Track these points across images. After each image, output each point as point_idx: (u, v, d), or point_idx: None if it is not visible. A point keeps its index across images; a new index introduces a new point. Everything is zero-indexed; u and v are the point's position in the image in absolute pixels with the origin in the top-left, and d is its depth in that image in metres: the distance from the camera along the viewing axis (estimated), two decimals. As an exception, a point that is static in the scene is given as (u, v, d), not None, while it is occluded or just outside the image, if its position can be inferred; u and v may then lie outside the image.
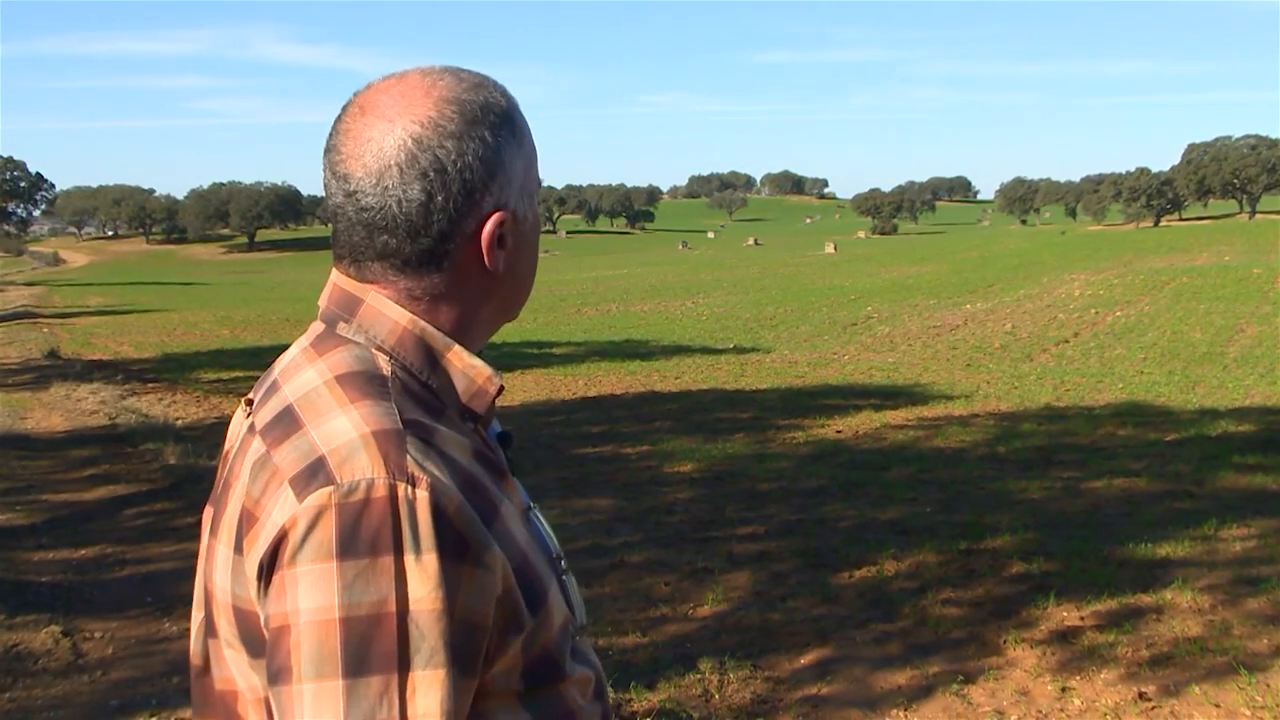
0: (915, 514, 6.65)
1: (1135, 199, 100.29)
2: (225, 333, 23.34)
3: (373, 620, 0.81)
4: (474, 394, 0.97)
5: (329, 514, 0.82)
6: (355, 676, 0.80)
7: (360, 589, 0.81)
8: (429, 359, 0.96)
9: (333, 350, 0.95)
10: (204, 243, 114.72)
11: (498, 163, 0.96)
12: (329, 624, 0.81)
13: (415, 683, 0.81)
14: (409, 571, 0.82)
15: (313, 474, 0.85)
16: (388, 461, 0.84)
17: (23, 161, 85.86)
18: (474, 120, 0.95)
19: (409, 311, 0.96)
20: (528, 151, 1.00)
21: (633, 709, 3.85)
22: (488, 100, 0.97)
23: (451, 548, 0.84)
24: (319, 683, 0.80)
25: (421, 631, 0.82)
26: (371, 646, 0.81)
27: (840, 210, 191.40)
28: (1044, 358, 17.12)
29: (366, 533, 0.82)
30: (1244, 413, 10.82)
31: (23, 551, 6.20)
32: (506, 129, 0.98)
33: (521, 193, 0.99)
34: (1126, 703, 3.87)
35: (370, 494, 0.83)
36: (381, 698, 0.80)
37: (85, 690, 4.26)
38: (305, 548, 0.82)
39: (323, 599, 0.81)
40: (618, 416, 11.08)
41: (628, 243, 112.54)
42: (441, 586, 0.82)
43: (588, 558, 5.74)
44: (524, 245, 1.02)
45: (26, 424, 11.00)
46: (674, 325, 23.79)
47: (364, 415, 0.88)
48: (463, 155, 0.94)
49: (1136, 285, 29.26)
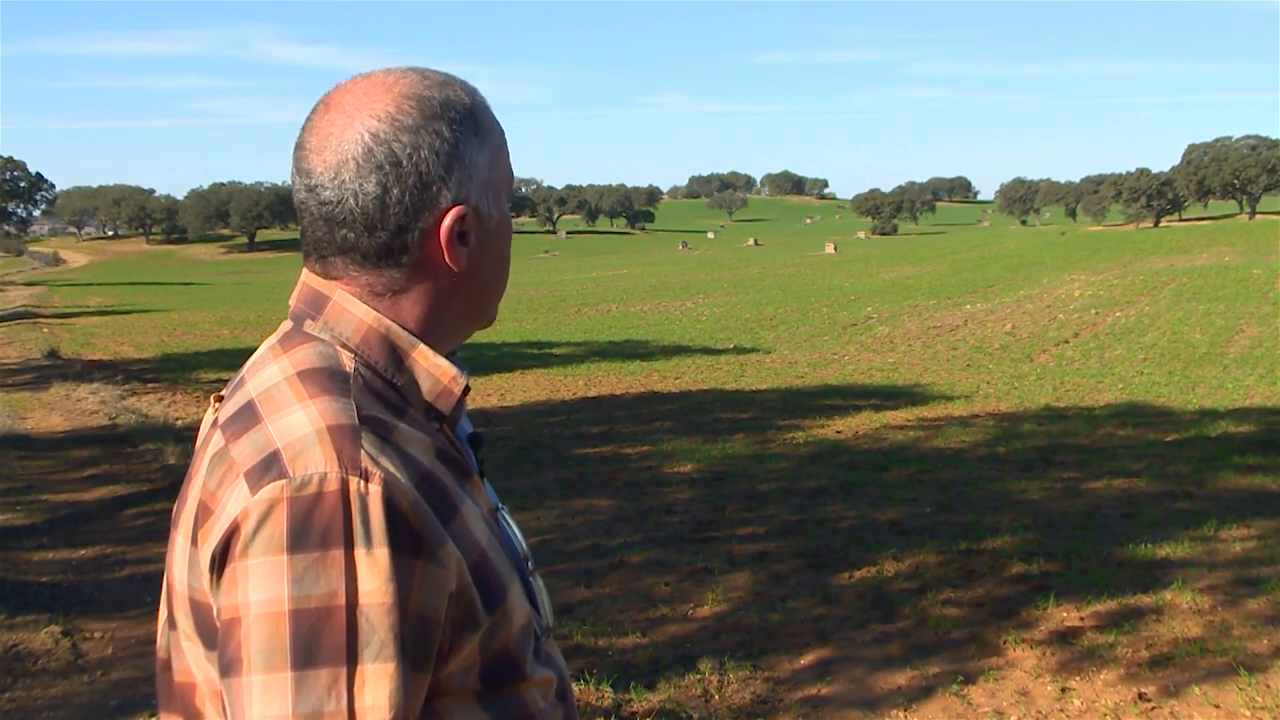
0: (915, 514, 6.65)
1: (1135, 199, 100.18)
2: (225, 333, 23.35)
3: (322, 613, 0.81)
4: (439, 393, 0.97)
5: (281, 507, 0.83)
6: (304, 669, 0.81)
7: (310, 582, 0.81)
8: (394, 357, 0.96)
9: (297, 347, 0.96)
10: (204, 243, 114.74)
11: (456, 157, 0.96)
12: (279, 616, 0.81)
13: (364, 676, 0.82)
14: (359, 565, 0.82)
15: (267, 467, 0.85)
16: (341, 456, 0.85)
17: (23, 161, 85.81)
18: (432, 115, 0.95)
19: (374, 309, 0.97)
20: (493, 149, 0.99)
21: (633, 709, 3.85)
22: (449, 97, 0.97)
23: (404, 542, 0.84)
24: (268, 674, 0.81)
25: (371, 625, 0.82)
26: (320, 639, 0.81)
27: (840, 210, 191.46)
28: (1044, 358, 17.12)
29: (317, 526, 0.82)
30: (1244, 413, 10.82)
31: (23, 552, 6.20)
32: (468, 125, 0.97)
33: (485, 189, 0.99)
34: (1126, 703, 3.87)
35: (322, 488, 0.83)
36: (329, 690, 0.81)
37: (85, 690, 4.26)
38: (256, 540, 0.83)
39: (273, 591, 0.82)
40: (617, 417, 11.07)
41: (628, 243, 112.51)
42: (393, 580, 0.83)
43: (588, 558, 5.75)
44: (490, 243, 1.01)
45: (26, 424, 11.00)
46: (674, 325, 23.79)
47: (321, 410, 0.89)
48: (419, 149, 0.94)
49: (1136, 286, 29.26)
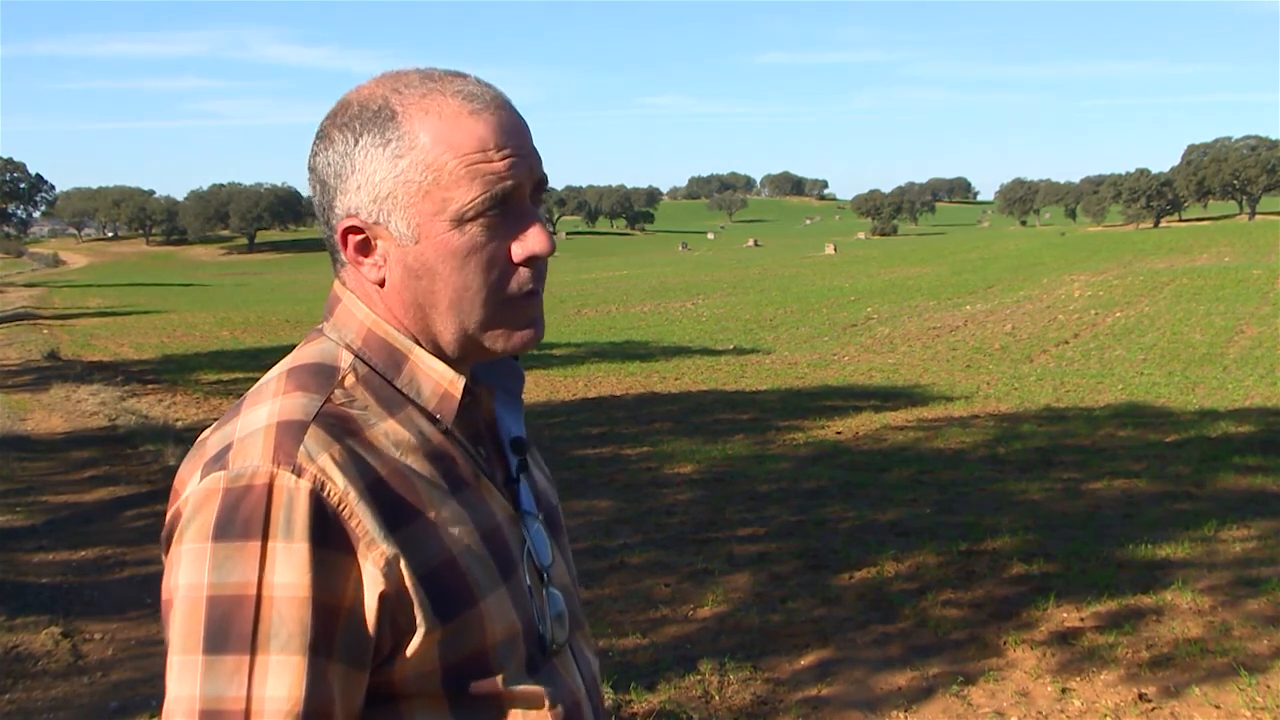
0: (915, 515, 6.65)
1: (1135, 200, 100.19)
2: (225, 334, 23.36)
3: (235, 601, 0.84)
4: (440, 396, 0.97)
5: (215, 497, 0.86)
6: (213, 653, 0.83)
7: (228, 570, 0.84)
8: (393, 359, 0.97)
9: (307, 344, 1.00)
10: (204, 244, 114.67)
11: (347, 167, 0.93)
12: (198, 601, 0.84)
13: (268, 665, 0.83)
14: (277, 557, 0.84)
15: (218, 458, 0.89)
16: (277, 451, 0.87)
17: (23, 163, 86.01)
18: (336, 122, 0.95)
19: (372, 312, 0.98)
20: (407, 165, 0.91)
21: (633, 710, 3.85)
22: (366, 104, 0.93)
23: (330, 538, 0.86)
24: (184, 656, 0.84)
25: (281, 617, 0.84)
26: (231, 626, 0.84)
27: (840, 211, 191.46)
28: (1044, 359, 17.12)
29: (241, 517, 0.85)
30: (1244, 414, 10.81)
31: (23, 553, 6.20)
32: (372, 133, 0.92)
33: (385, 201, 0.92)
34: (1126, 704, 3.87)
35: (252, 481, 0.86)
36: (233, 676, 0.83)
37: (85, 692, 4.26)
38: (190, 527, 0.87)
39: (195, 577, 0.85)
40: (617, 418, 11.07)
41: (628, 244, 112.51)
42: (309, 574, 0.84)
43: (588, 559, 5.74)
44: (409, 263, 0.94)
45: (26, 425, 11.00)
46: (674, 326, 23.78)
47: (283, 406, 0.91)
48: (319, 155, 0.96)
49: (1136, 286, 29.25)
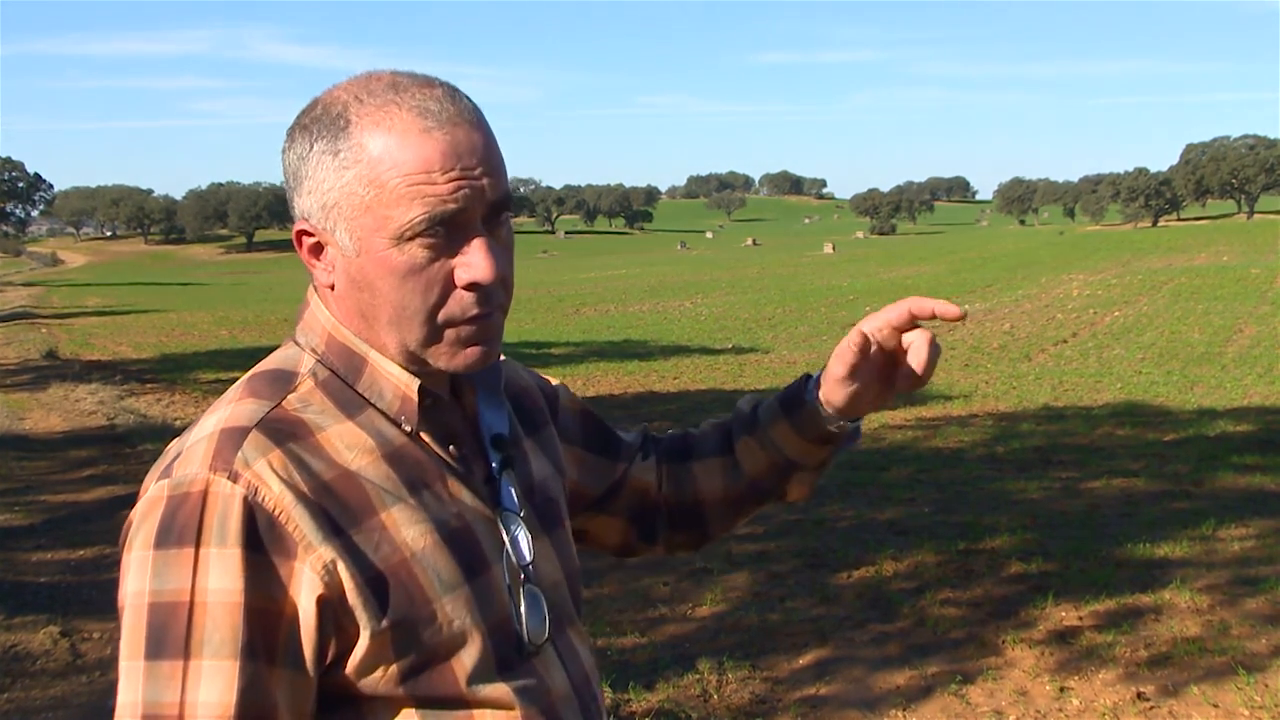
0: (913, 514, 6.65)
1: (1133, 199, 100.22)
2: (223, 333, 23.33)
3: (171, 607, 0.85)
4: (401, 399, 0.97)
5: (159, 505, 0.88)
6: (153, 659, 0.85)
7: (166, 577, 0.86)
8: (353, 363, 0.97)
9: (276, 351, 1.00)
10: (202, 243, 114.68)
11: (303, 170, 0.93)
12: (140, 608, 0.86)
13: (201, 670, 0.85)
14: (210, 563, 0.85)
15: (167, 467, 0.91)
16: (215, 458, 0.88)
17: (21, 162, 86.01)
18: (300, 122, 0.94)
19: (332, 316, 0.98)
20: (352, 178, 0.90)
21: (631, 709, 3.85)
22: (328, 108, 0.92)
23: (264, 543, 0.86)
24: (130, 661, 0.86)
25: (215, 622, 0.85)
26: (168, 632, 0.85)
27: (839, 210, 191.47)
28: (1042, 358, 17.11)
29: (178, 524, 0.86)
30: (1242, 413, 10.81)
31: (21, 552, 6.20)
32: (325, 140, 0.91)
33: (331, 214, 0.92)
34: (1125, 703, 3.87)
35: (190, 488, 0.87)
36: (170, 681, 0.85)
37: (84, 691, 4.26)
38: (138, 535, 0.88)
39: (139, 584, 0.87)
40: (616, 417, 11.04)
41: (626, 243, 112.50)
42: (242, 579, 0.85)
43: (586, 558, 5.69)
44: (350, 273, 0.93)
45: (25, 424, 11.00)
46: (672, 325, 23.77)
47: (230, 413, 0.92)
48: (284, 154, 0.96)
49: (1135, 285, 29.25)
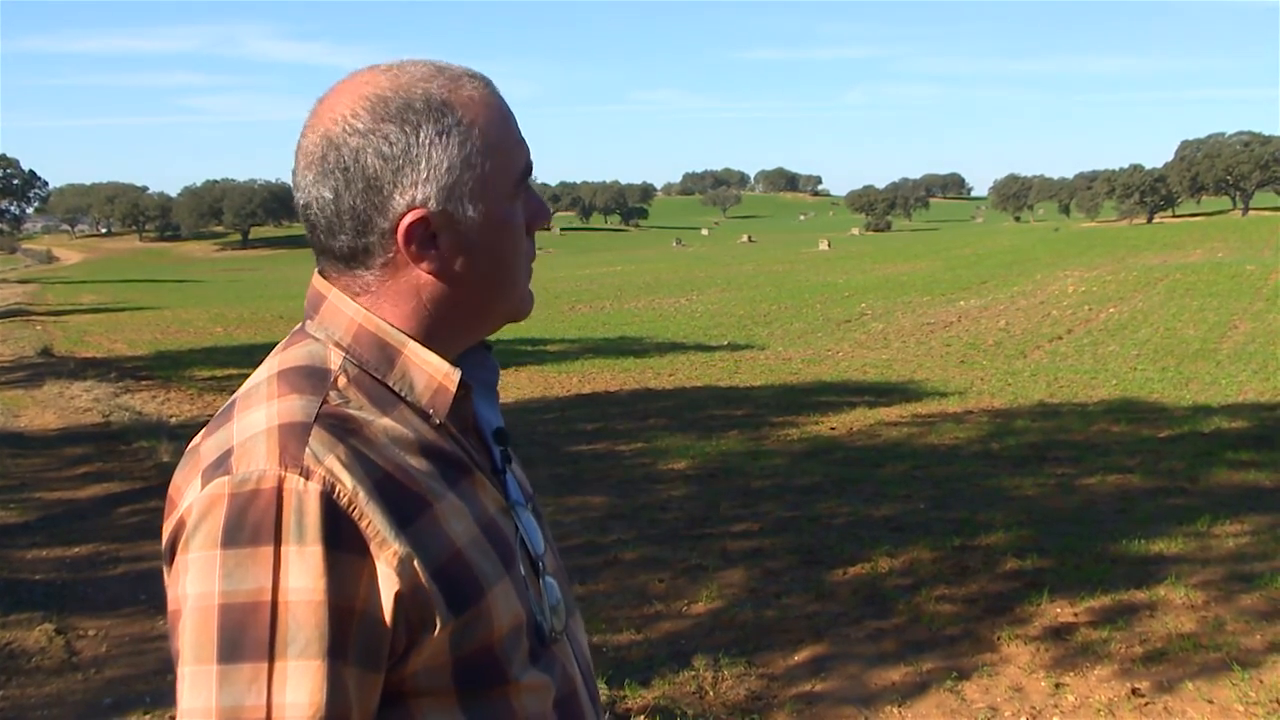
0: (909, 511, 6.66)
1: (1129, 195, 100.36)
2: (218, 330, 23.31)
3: (249, 608, 0.83)
4: (434, 390, 0.97)
5: (221, 503, 0.85)
6: (228, 662, 0.82)
7: (239, 577, 0.83)
8: (384, 355, 0.97)
9: (292, 346, 0.98)
10: (197, 240, 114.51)
11: (409, 160, 0.94)
12: (209, 610, 0.83)
13: (286, 672, 0.82)
14: (290, 562, 0.83)
15: (218, 464, 0.88)
16: (283, 454, 0.86)
17: (16, 159, 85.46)
18: (383, 117, 0.94)
19: (363, 308, 0.97)
20: (470, 150, 0.95)
21: (627, 706, 3.85)
22: (411, 96, 0.94)
23: (342, 540, 0.85)
24: (197, 666, 0.83)
25: (298, 621, 0.83)
26: (245, 634, 0.82)
27: (834, 207, 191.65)
28: (1037, 354, 17.14)
29: (250, 522, 0.84)
30: (1237, 409, 10.84)
31: (16, 550, 6.19)
32: (431, 125, 0.94)
33: (454, 191, 0.95)
34: (1120, 699, 3.88)
35: (260, 485, 0.85)
36: (251, 685, 0.82)
37: (79, 688, 4.25)
38: (197, 535, 0.85)
39: (205, 585, 0.84)
40: (612, 414, 11.07)
41: (622, 240, 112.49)
42: (324, 578, 0.84)
43: (582, 555, 5.74)
44: (469, 244, 0.97)
45: (20, 422, 10.97)
46: (668, 322, 23.77)
47: (281, 409, 0.90)
48: (364, 152, 0.93)
49: (1130, 282, 29.30)
